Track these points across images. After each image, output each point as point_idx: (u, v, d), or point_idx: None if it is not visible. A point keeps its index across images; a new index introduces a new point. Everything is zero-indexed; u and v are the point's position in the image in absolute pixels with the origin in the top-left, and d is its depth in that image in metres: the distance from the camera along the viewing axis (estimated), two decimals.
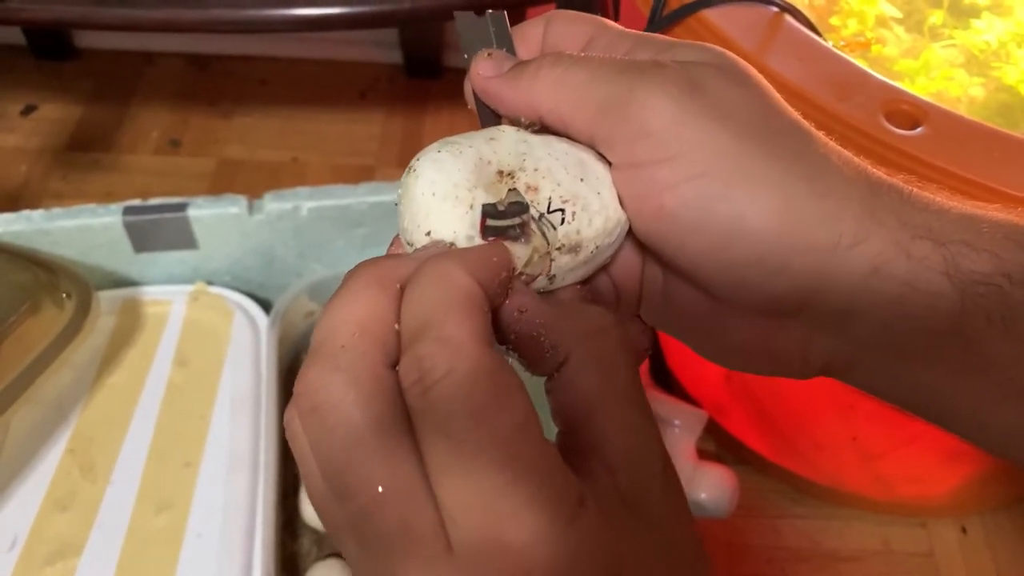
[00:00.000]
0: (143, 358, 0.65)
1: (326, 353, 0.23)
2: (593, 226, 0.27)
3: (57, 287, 0.61)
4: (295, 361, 0.71)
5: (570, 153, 0.28)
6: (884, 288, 0.25)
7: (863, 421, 0.82)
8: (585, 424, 0.24)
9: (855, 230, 0.25)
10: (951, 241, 0.24)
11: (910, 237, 0.25)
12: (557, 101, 0.27)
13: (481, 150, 0.27)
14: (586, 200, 0.27)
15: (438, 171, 0.26)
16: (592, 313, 0.26)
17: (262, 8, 0.80)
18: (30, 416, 0.60)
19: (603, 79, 0.26)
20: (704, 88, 0.26)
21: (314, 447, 0.22)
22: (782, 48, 0.55)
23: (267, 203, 0.67)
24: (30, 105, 1.33)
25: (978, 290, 0.24)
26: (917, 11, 0.70)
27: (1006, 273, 0.24)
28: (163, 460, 0.59)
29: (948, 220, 0.25)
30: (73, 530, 0.55)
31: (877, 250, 0.25)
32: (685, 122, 0.25)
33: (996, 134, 0.50)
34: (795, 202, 0.25)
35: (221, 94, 1.37)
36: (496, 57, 0.29)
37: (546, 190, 0.27)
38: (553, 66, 0.27)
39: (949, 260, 0.24)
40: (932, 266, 0.24)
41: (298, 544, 0.61)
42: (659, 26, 0.57)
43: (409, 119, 1.34)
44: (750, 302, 0.27)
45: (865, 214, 0.25)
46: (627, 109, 0.26)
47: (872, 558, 0.91)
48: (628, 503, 0.23)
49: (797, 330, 0.27)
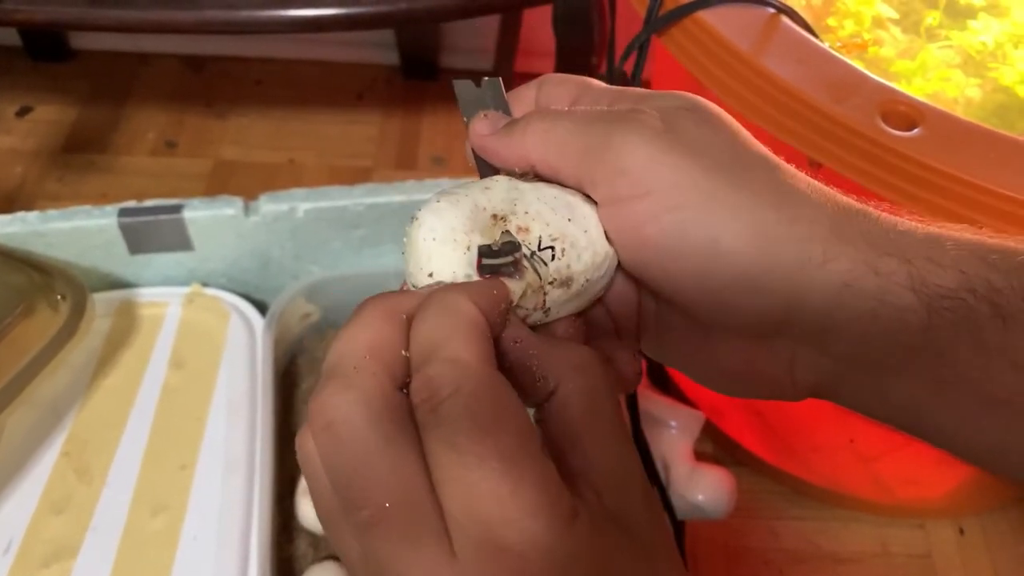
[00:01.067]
0: (139, 360, 0.65)
1: (339, 375, 0.25)
2: (582, 261, 0.29)
3: (52, 289, 0.60)
4: (291, 363, 0.71)
5: (558, 197, 0.30)
6: (856, 304, 0.26)
7: (860, 423, 0.82)
8: (571, 451, 0.26)
9: (824, 249, 0.26)
10: (916, 258, 0.26)
11: (877, 255, 0.26)
12: (545, 151, 0.30)
13: (476, 198, 0.30)
14: (574, 237, 0.29)
15: (437, 218, 0.29)
16: (580, 349, 0.28)
17: (258, 9, 0.80)
18: (25, 418, 0.60)
19: (584, 129, 0.29)
20: (676, 129, 0.28)
21: (326, 462, 0.24)
22: (778, 49, 0.55)
23: (263, 205, 0.67)
24: (25, 106, 1.33)
25: (944, 304, 0.25)
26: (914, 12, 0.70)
27: (971, 288, 0.25)
28: (159, 462, 0.59)
29: (914, 239, 0.27)
30: (68, 533, 0.55)
31: (846, 268, 0.26)
32: (659, 160, 0.28)
33: (993, 135, 0.49)
34: (764, 226, 0.27)
35: (217, 95, 1.37)
36: (491, 117, 0.32)
37: (536, 230, 0.29)
38: (540, 120, 0.30)
39: (915, 276, 0.26)
40: (899, 281, 0.26)
41: (294, 547, 0.60)
42: (655, 27, 0.57)
43: (406, 120, 1.34)
44: (733, 323, 0.29)
45: (833, 235, 0.27)
46: (606, 153, 0.28)
47: (870, 559, 0.91)
48: (614, 520, 0.25)
49: (783, 351, 0.29)
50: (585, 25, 0.94)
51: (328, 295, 0.71)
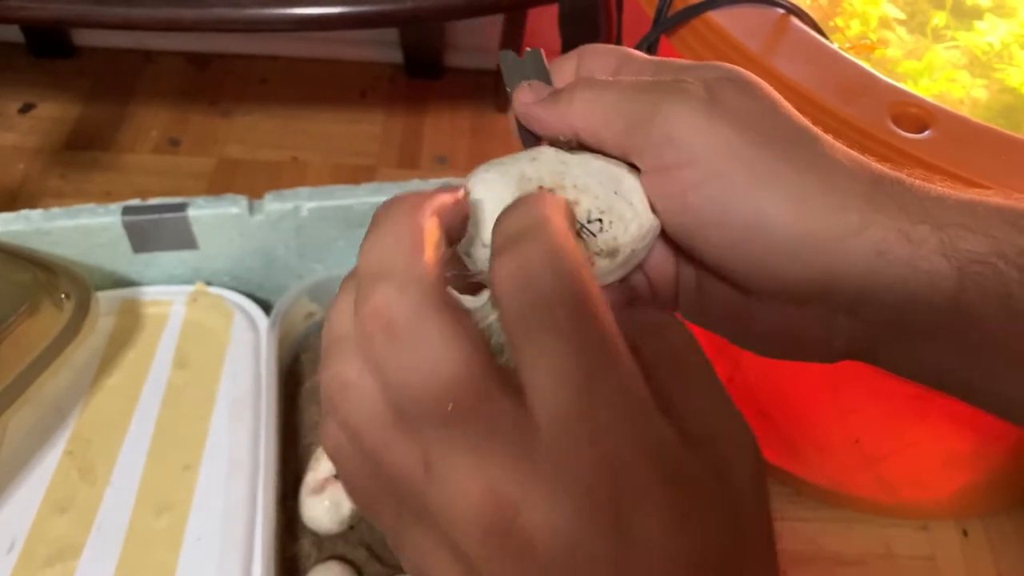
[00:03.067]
0: (142, 359, 0.65)
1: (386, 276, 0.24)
2: (629, 232, 0.30)
3: (56, 287, 0.60)
4: (295, 362, 0.70)
5: (605, 169, 0.31)
6: (889, 271, 0.27)
7: (865, 424, 0.82)
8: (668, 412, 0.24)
9: (860, 219, 0.27)
10: (948, 224, 0.27)
11: (911, 223, 0.27)
12: (590, 120, 0.31)
13: (524, 169, 0.31)
14: (621, 210, 0.30)
15: (487, 188, 0.30)
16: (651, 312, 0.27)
17: (263, 7, 0.80)
18: (29, 417, 0.60)
19: (630, 98, 0.30)
20: (720, 99, 0.29)
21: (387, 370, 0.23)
22: (788, 50, 0.54)
23: (268, 203, 0.67)
24: (28, 103, 1.33)
25: (974, 268, 0.26)
26: (920, 12, 0.70)
27: (1001, 253, 0.26)
28: (162, 462, 0.58)
29: (947, 206, 0.27)
30: (72, 532, 0.54)
31: (880, 236, 0.27)
32: (703, 129, 0.28)
33: (1004, 137, 0.49)
34: (804, 195, 0.28)
35: (221, 93, 1.37)
36: (535, 87, 0.33)
37: (585, 204, 0.30)
38: (586, 90, 0.31)
39: (946, 242, 0.27)
40: (931, 248, 0.27)
41: (298, 546, 0.60)
42: (664, 27, 0.57)
43: (410, 119, 1.34)
44: (772, 290, 0.29)
45: (868, 205, 0.28)
46: (652, 121, 0.29)
47: (873, 561, 0.91)
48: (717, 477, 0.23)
49: (818, 315, 0.30)
50: (591, 24, 0.94)
51: (332, 294, 0.71)
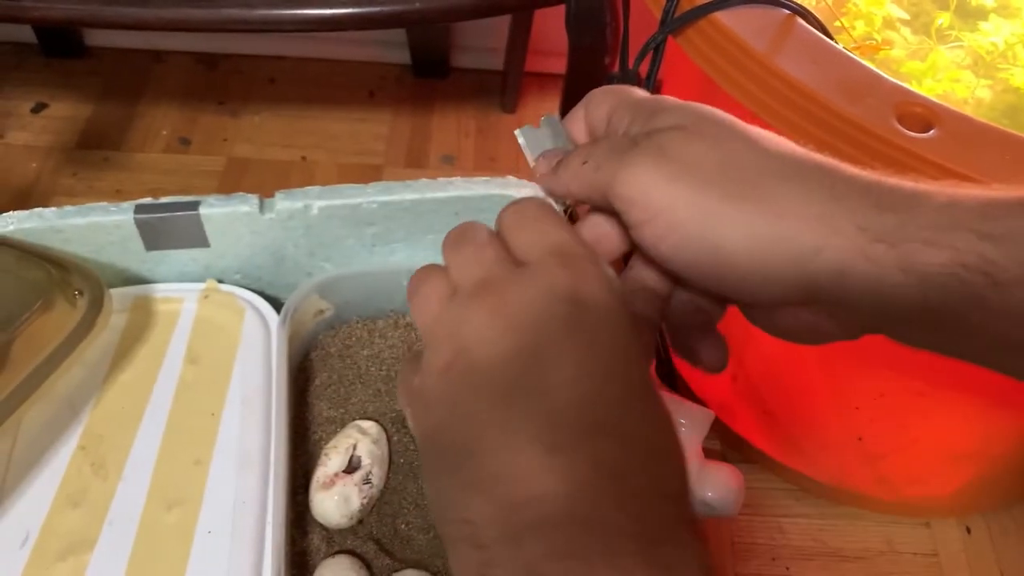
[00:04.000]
0: (154, 355, 0.65)
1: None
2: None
3: (70, 284, 0.61)
4: (305, 359, 0.71)
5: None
6: (857, 285, 0.30)
7: (868, 421, 0.82)
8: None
9: (814, 242, 0.30)
10: (907, 240, 0.29)
11: (867, 241, 0.29)
12: (578, 190, 0.37)
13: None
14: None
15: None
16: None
17: (273, 8, 0.80)
18: (42, 413, 0.60)
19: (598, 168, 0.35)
20: (670, 155, 0.33)
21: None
22: (794, 50, 0.55)
23: (278, 202, 0.67)
24: (40, 103, 1.34)
25: (937, 281, 0.29)
26: (924, 13, 0.71)
27: (962, 263, 0.28)
28: (174, 457, 0.59)
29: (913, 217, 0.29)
30: (85, 526, 0.55)
31: (838, 257, 0.30)
32: (657, 186, 0.33)
33: (1009, 137, 0.50)
34: (753, 230, 0.31)
35: (230, 93, 1.38)
36: (547, 157, 0.39)
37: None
38: (573, 161, 0.37)
39: (904, 258, 0.29)
40: (888, 264, 0.29)
41: (308, 541, 0.61)
42: (671, 28, 0.57)
43: (417, 119, 1.35)
44: (762, 303, 0.33)
45: (824, 227, 0.30)
46: (615, 189, 0.34)
47: (876, 557, 0.91)
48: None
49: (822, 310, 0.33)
50: (598, 25, 0.94)
51: (341, 291, 0.71)
